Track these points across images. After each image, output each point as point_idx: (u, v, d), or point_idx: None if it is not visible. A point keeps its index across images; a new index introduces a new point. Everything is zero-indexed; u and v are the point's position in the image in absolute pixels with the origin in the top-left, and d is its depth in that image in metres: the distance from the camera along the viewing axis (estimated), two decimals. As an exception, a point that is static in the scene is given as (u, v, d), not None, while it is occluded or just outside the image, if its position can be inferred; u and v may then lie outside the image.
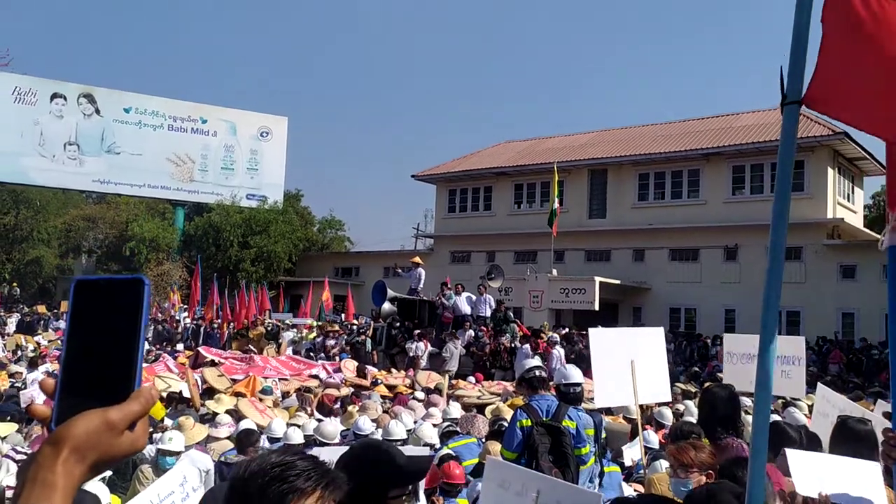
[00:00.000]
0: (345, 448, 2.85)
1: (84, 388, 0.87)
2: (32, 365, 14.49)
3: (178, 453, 6.08)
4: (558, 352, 17.04)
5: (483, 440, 7.04)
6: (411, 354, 17.37)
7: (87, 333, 0.89)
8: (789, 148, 1.53)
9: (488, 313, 19.84)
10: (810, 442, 4.80)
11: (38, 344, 19.79)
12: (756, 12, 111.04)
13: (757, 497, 1.58)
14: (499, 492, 3.26)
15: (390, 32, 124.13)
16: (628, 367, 5.35)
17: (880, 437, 3.03)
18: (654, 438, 7.62)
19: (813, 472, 2.92)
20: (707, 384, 9.12)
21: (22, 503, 0.75)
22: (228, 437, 7.34)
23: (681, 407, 10.02)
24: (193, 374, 11.11)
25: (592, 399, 6.57)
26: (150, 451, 6.35)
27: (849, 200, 29.41)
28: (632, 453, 7.47)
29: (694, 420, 7.22)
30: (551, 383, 6.51)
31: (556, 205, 25.61)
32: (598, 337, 5.97)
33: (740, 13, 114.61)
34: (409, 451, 4.33)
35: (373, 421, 8.40)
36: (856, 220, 29.89)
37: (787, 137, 1.54)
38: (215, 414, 8.35)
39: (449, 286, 19.80)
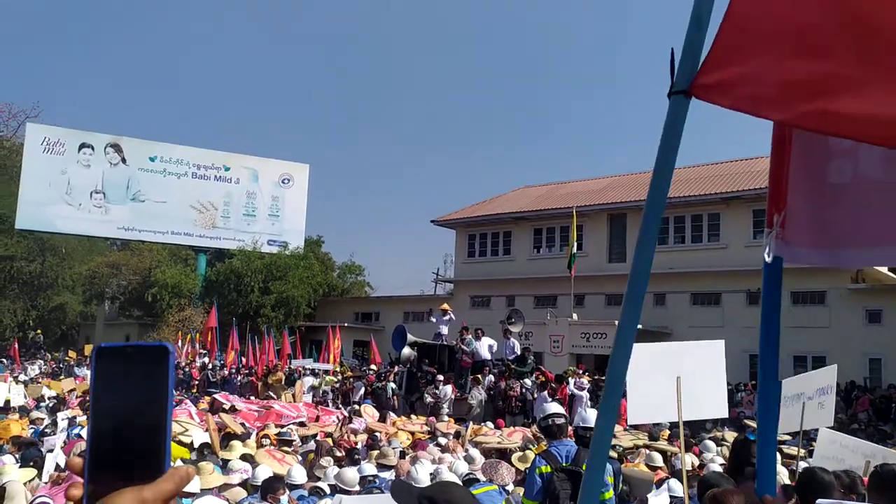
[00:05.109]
0: (370, 495, 2.82)
1: (113, 465, 0.84)
2: (53, 412, 14.55)
3: (192, 495, 6.08)
4: (585, 396, 16.82)
5: (505, 488, 6.94)
6: (433, 400, 17.21)
7: (112, 405, 0.84)
8: (671, 143, 1.38)
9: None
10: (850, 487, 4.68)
11: (62, 390, 19.84)
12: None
13: None
14: None
15: (414, 80, 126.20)
16: (672, 384, 5.06)
17: None
18: (677, 487, 7.47)
19: None
20: (737, 435, 8.96)
21: None
22: (241, 484, 7.33)
23: (707, 455, 9.87)
24: (213, 420, 11.10)
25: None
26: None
27: (873, 243, 29.06)
28: (658, 502, 7.31)
29: (718, 468, 7.10)
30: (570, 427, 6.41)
31: (575, 248, 25.55)
32: (638, 352, 5.55)
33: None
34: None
35: (390, 467, 8.33)
36: (880, 263, 29.49)
37: (670, 131, 1.38)
38: (227, 461, 8.32)
39: (469, 331, 19.69)
